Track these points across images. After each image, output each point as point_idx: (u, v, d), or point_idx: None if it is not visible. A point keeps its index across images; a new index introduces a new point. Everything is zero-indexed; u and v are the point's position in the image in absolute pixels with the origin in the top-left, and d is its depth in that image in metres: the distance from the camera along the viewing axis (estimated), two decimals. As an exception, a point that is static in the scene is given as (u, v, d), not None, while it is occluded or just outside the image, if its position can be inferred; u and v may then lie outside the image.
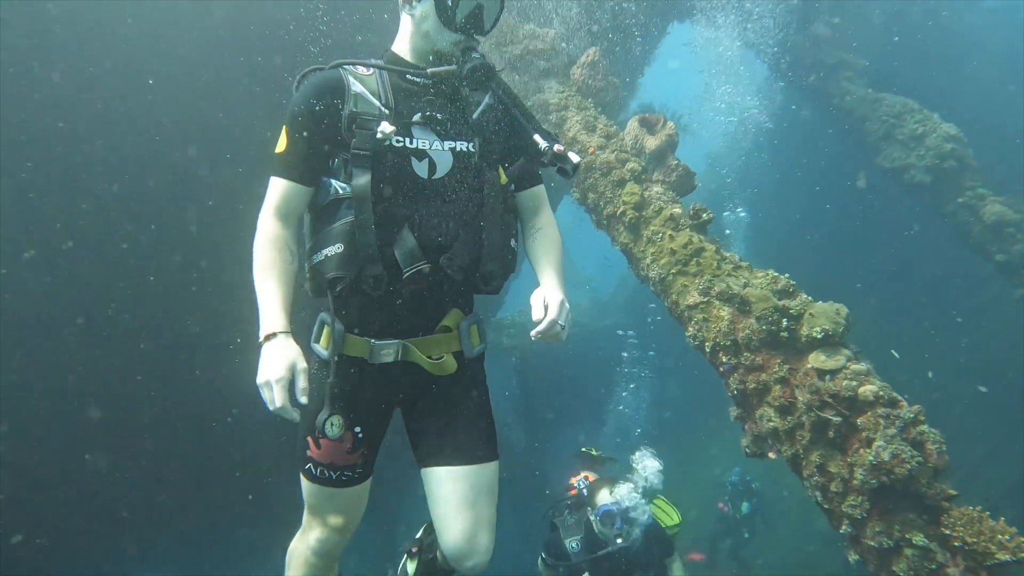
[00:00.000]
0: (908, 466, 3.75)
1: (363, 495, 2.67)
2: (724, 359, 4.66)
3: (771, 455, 4.50)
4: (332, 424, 2.27)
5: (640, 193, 5.41)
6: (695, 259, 5.06)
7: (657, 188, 5.52)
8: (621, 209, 5.46)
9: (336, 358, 2.38)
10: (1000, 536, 3.56)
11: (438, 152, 2.35)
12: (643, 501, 4.76)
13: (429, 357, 2.47)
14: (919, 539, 3.69)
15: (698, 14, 11.47)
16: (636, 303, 18.60)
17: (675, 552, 5.09)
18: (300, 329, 2.38)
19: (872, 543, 3.81)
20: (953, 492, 3.88)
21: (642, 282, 5.60)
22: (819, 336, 4.35)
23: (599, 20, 9.33)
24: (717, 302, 4.84)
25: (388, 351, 2.44)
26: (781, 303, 4.61)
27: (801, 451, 4.22)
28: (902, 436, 3.88)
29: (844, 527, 3.99)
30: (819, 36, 11.25)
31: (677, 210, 5.30)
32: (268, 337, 2.19)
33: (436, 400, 2.59)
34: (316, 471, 2.49)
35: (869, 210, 12.98)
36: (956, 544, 3.63)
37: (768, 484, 10.91)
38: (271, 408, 2.13)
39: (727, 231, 17.02)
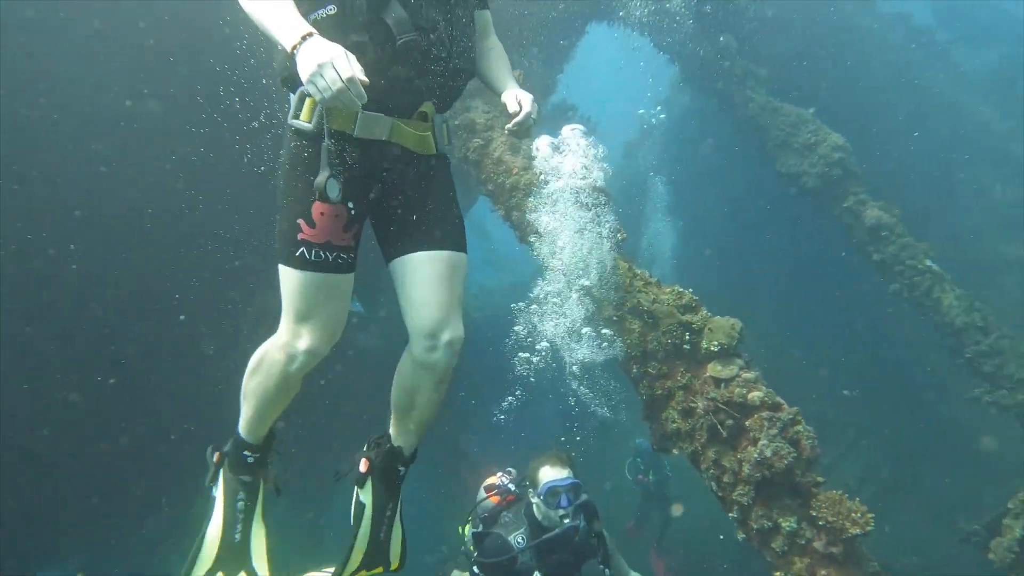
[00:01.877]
0: (786, 461, 4.47)
1: (349, 289, 2.58)
2: (635, 368, 5.29)
3: (675, 451, 5.17)
4: (332, 186, 2.21)
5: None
6: (610, 277, 5.65)
7: (576, 209, 6.07)
8: (545, 226, 5.98)
9: (328, 129, 2.33)
10: (853, 514, 4.33)
11: None
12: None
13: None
14: (792, 521, 4.42)
15: (614, 16, 12.09)
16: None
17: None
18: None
19: (755, 525, 4.54)
20: (821, 479, 4.64)
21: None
22: (716, 349, 5.05)
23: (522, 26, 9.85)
24: (629, 316, 5.45)
25: (380, 126, 2.42)
26: (685, 318, 5.27)
27: (699, 448, 4.90)
28: (782, 435, 4.60)
29: (734, 512, 4.70)
30: (725, 44, 12.03)
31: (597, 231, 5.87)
32: (304, 37, 2.09)
33: (409, 194, 2.60)
34: (311, 254, 2.40)
35: (770, 211, 14.02)
36: (821, 523, 4.39)
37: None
38: (342, 81, 2.03)
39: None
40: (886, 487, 12.47)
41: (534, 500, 4.13)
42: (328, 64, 2.03)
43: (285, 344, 2.55)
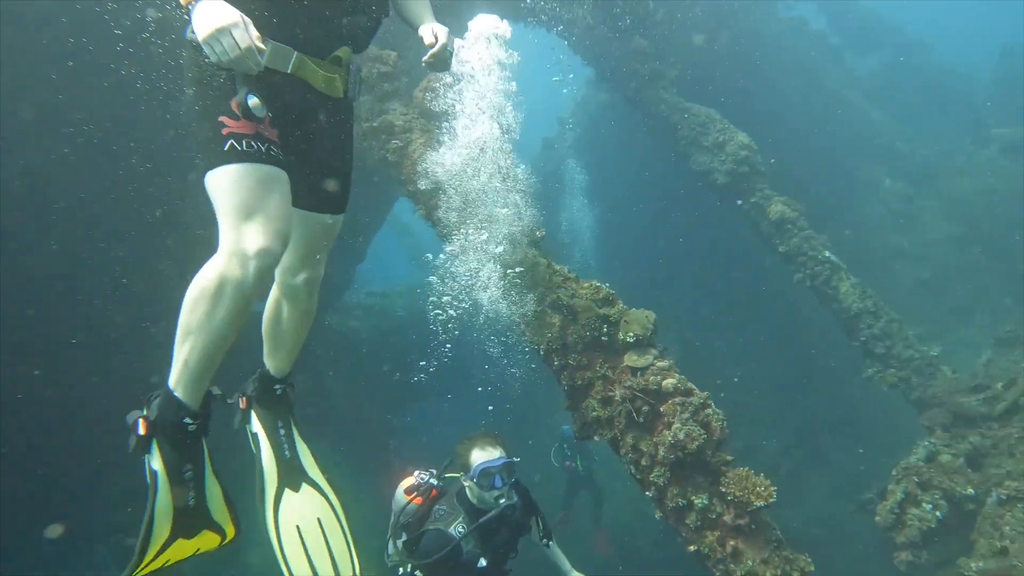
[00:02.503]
0: (697, 442, 4.79)
1: (288, 195, 2.44)
2: (556, 361, 5.52)
3: (596, 438, 5.44)
4: (258, 105, 2.24)
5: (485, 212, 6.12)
6: (531, 273, 5.85)
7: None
8: (467, 227, 6.13)
9: None
10: (758, 488, 4.70)
11: None
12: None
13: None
14: (703, 497, 4.75)
15: (530, 16, 12.34)
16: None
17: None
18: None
19: (671, 504, 4.85)
20: (729, 458, 4.99)
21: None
22: (632, 340, 5.33)
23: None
24: (549, 311, 5.68)
25: (284, 56, 2.39)
26: (602, 311, 5.54)
27: (618, 434, 5.18)
28: (694, 418, 4.93)
29: (651, 492, 5.00)
30: (637, 47, 12.48)
31: (514, 229, 6.07)
32: None
33: (312, 135, 2.62)
34: (241, 144, 2.26)
35: (684, 206, 14.66)
36: (729, 498, 4.73)
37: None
38: (240, 49, 2.04)
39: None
40: (798, 464, 13.29)
41: (466, 484, 3.93)
42: (226, 31, 2.01)
43: (232, 251, 2.22)
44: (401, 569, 4.02)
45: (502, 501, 3.80)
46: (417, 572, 3.82)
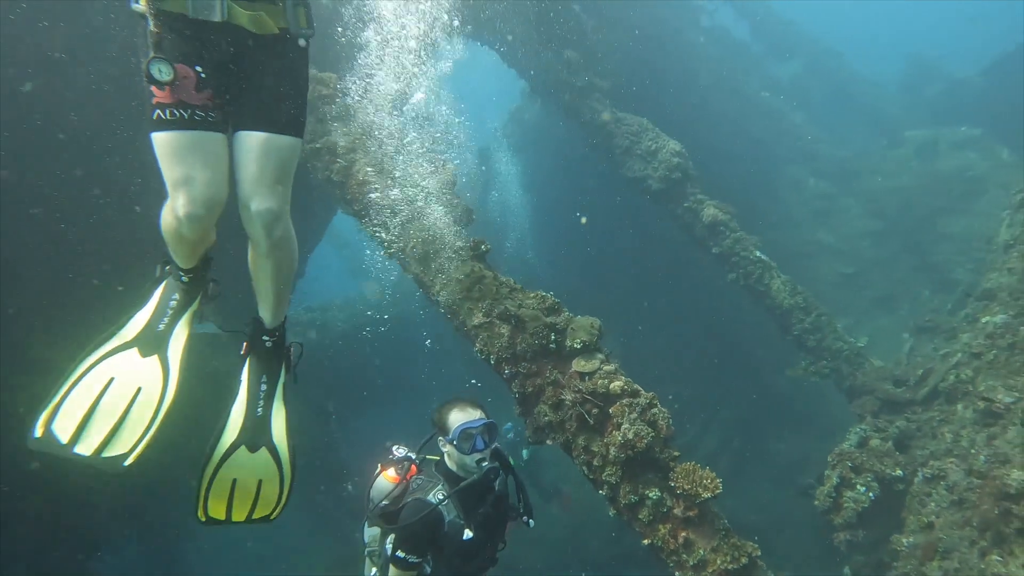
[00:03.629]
0: (645, 441, 5.00)
1: (221, 151, 2.62)
2: (506, 369, 5.66)
3: (549, 442, 5.60)
4: (160, 71, 2.36)
5: (427, 228, 6.22)
6: (478, 286, 5.99)
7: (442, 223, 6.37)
8: (412, 244, 6.23)
9: (154, 11, 2.40)
10: (705, 480, 4.94)
11: None
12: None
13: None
14: (655, 492, 4.96)
15: (463, 32, 12.50)
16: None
17: None
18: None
19: (624, 501, 5.04)
20: (677, 453, 5.23)
21: (433, 305, 6.43)
22: (579, 346, 5.52)
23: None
24: (498, 321, 5.82)
25: (212, 8, 2.46)
26: (549, 320, 5.72)
27: (571, 437, 5.35)
28: (641, 418, 5.14)
29: (604, 491, 5.18)
30: (570, 60, 12.80)
31: (460, 243, 6.20)
32: None
33: (251, 71, 2.67)
34: (166, 113, 2.45)
35: (618, 213, 15.06)
36: (679, 492, 4.96)
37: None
38: None
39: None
40: (738, 455, 13.78)
41: (445, 449, 3.67)
42: None
43: (169, 207, 2.67)
44: (374, 566, 3.84)
45: (484, 464, 3.53)
46: (399, 552, 3.47)
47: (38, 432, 2.64)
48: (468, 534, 3.48)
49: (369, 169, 6.57)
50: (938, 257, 15.06)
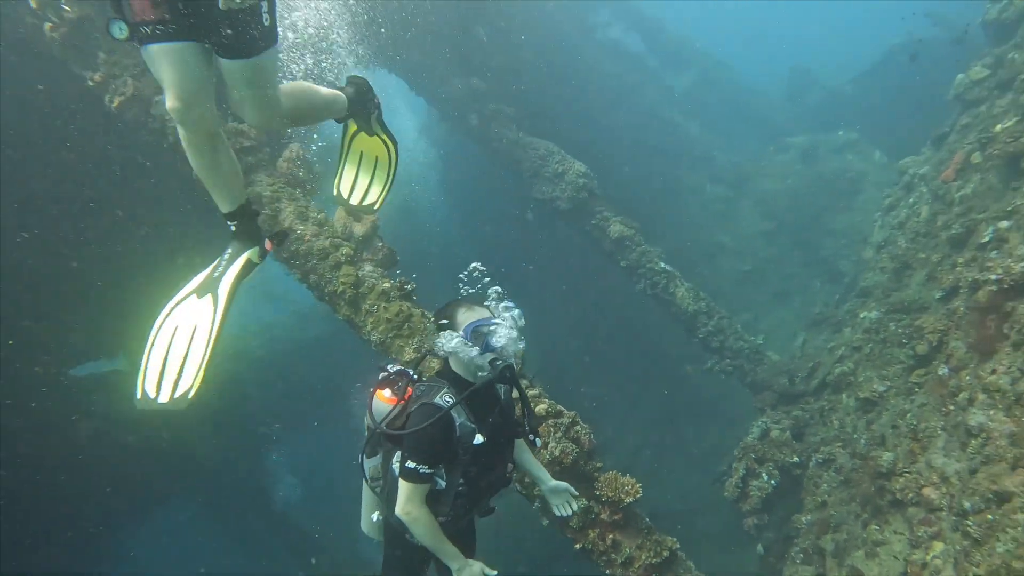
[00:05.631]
0: (571, 456, 5.55)
1: (188, 59, 2.88)
2: (441, 401, 6.09)
3: (484, 465, 6.05)
4: (120, 29, 2.76)
5: (355, 273, 6.56)
6: (407, 323, 6.39)
7: (368, 267, 6.73)
8: (340, 288, 6.55)
9: None
10: (626, 487, 5.53)
11: None
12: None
13: None
14: (582, 501, 5.51)
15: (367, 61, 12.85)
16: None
17: None
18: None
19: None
20: (600, 464, 5.80)
21: (365, 343, 6.78)
22: (505, 374, 6.01)
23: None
24: (430, 356, 6.22)
25: None
26: (476, 351, 6.18)
27: (504, 459, 5.83)
28: (566, 436, 5.68)
29: (537, 503, 5.69)
30: (475, 87, 13.33)
31: (387, 285, 6.57)
32: None
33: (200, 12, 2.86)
34: (133, 32, 2.80)
35: (532, 232, 15.75)
36: (603, 499, 5.53)
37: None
38: None
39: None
40: (657, 449, 14.67)
41: (449, 349, 3.39)
42: None
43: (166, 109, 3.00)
44: (377, 510, 3.69)
45: (498, 363, 3.31)
46: (409, 463, 3.21)
47: (139, 394, 3.13)
48: (479, 438, 3.29)
49: (294, 217, 6.86)
50: (825, 251, 16.44)
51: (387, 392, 3.47)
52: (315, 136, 8.25)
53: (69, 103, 8.32)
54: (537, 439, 3.62)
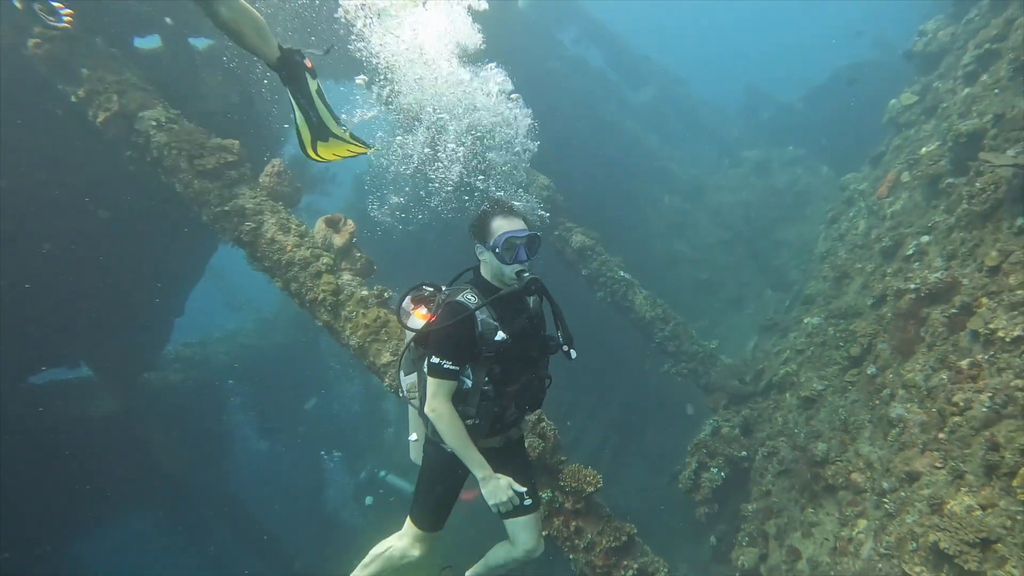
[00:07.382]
0: (538, 451, 6.06)
1: None
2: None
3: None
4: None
5: (335, 282, 7.00)
6: (384, 329, 6.84)
7: (347, 276, 7.16)
8: (321, 296, 6.98)
9: None
10: (588, 478, 6.06)
11: None
12: None
13: None
14: (548, 492, 6.03)
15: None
16: (302, 319, 20.33)
17: None
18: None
19: (524, 502, 6.07)
20: (564, 458, 6.32)
21: (343, 348, 7.20)
22: (476, 375, 6.51)
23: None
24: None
25: None
26: (449, 354, 6.67)
27: (476, 454, 6.31)
28: (533, 432, 6.19)
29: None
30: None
31: (365, 292, 7.01)
32: None
33: None
34: None
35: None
36: (567, 489, 6.05)
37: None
38: None
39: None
40: (617, 449, 15.27)
41: (483, 257, 3.50)
42: None
43: None
44: (417, 409, 3.74)
45: (525, 275, 3.39)
46: (434, 358, 3.34)
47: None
48: (501, 335, 3.36)
49: (276, 229, 7.26)
50: (777, 261, 17.33)
51: (423, 310, 3.66)
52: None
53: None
54: (573, 351, 3.66)
